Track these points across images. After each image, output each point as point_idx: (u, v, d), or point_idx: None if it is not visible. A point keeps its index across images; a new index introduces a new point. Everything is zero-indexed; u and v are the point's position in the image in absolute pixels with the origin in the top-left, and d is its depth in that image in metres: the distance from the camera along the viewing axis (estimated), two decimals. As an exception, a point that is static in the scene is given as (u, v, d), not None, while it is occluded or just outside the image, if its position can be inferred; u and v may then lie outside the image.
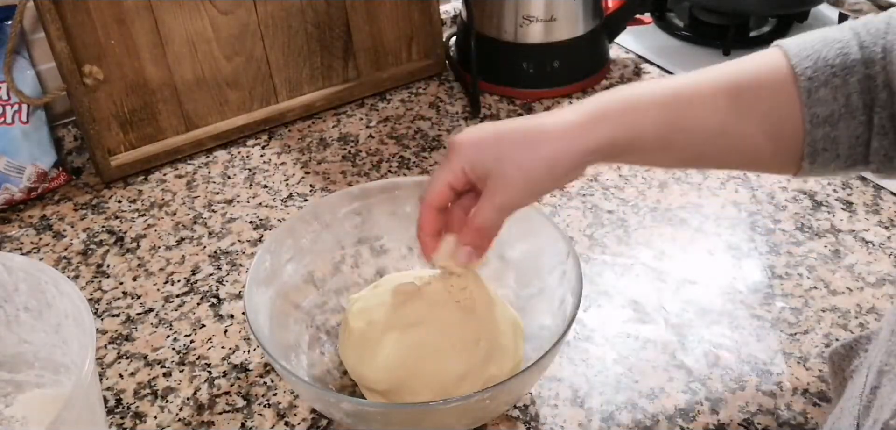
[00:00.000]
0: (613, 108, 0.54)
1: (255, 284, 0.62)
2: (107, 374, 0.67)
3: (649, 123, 0.53)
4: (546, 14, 1.01)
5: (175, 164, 0.94)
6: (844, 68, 0.50)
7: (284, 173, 0.92)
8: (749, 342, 0.67)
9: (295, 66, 1.00)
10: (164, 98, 0.93)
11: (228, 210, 0.86)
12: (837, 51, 0.51)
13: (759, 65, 0.54)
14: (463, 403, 0.54)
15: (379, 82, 1.05)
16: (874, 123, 0.50)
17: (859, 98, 0.50)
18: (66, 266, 0.79)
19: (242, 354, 0.69)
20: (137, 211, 0.87)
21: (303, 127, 1.00)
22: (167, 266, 0.79)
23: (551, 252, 0.64)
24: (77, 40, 0.86)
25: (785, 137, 0.52)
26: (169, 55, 0.92)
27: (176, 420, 0.63)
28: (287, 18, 0.98)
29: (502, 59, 1.04)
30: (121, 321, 0.73)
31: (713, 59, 1.11)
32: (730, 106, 0.53)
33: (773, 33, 1.16)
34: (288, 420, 0.62)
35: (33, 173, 0.88)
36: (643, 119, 0.53)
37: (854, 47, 0.50)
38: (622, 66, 1.11)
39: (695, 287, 0.73)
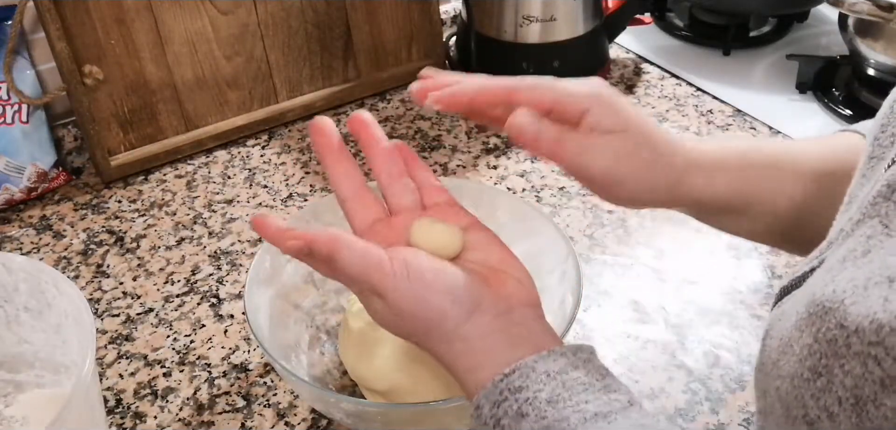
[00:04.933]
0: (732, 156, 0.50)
1: (255, 284, 0.62)
2: (107, 374, 0.67)
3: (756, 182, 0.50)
4: (546, 14, 1.00)
5: (175, 164, 0.94)
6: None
7: (284, 173, 0.92)
8: (749, 342, 0.67)
9: (295, 66, 1.00)
10: (164, 98, 0.93)
11: (228, 210, 0.86)
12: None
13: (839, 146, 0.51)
14: (463, 403, 0.54)
15: (379, 82, 1.05)
16: None
17: None
18: (66, 266, 0.79)
19: (242, 354, 0.69)
20: (137, 211, 0.87)
21: (303, 127, 1.00)
22: (167, 266, 0.79)
23: (551, 252, 0.64)
24: (77, 40, 0.86)
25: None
26: (169, 55, 0.92)
27: (176, 420, 0.63)
28: (287, 18, 0.98)
29: (502, 59, 1.04)
30: (121, 321, 0.73)
31: (713, 59, 1.11)
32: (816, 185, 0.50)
33: (774, 33, 1.16)
34: (288, 420, 0.62)
35: (33, 173, 0.88)
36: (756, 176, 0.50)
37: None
38: (622, 67, 1.11)
39: (695, 287, 0.73)
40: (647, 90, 1.05)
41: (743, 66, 1.09)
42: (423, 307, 0.43)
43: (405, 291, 0.43)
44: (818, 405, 0.31)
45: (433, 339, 0.44)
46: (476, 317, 0.43)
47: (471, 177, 0.90)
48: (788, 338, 0.35)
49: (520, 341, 0.43)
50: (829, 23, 1.16)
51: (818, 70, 1.04)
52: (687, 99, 1.03)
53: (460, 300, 0.43)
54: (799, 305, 0.35)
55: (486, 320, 0.43)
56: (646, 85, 1.06)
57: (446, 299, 0.43)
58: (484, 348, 0.43)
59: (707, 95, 1.03)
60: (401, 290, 0.43)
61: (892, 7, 0.88)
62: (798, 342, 0.33)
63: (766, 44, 1.14)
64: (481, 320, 0.43)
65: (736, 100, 1.01)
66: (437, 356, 0.45)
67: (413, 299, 0.43)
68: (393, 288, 0.42)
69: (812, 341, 0.32)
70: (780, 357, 0.35)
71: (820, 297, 0.32)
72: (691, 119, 0.98)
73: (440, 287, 0.43)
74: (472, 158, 0.93)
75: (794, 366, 0.33)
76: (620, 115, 0.46)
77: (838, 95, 1.00)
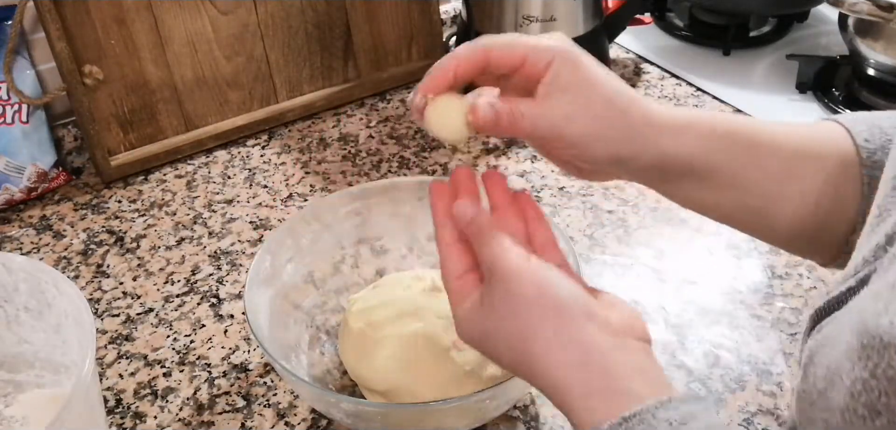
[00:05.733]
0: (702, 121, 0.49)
1: (255, 284, 0.62)
2: (107, 374, 0.67)
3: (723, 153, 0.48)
4: (546, 14, 1.00)
5: (175, 164, 0.94)
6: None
7: (284, 173, 0.92)
8: (749, 342, 0.67)
9: (295, 66, 1.00)
10: (164, 98, 0.93)
11: (228, 210, 0.86)
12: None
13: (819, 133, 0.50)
14: (463, 403, 0.54)
15: (379, 82, 1.05)
16: None
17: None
18: (66, 266, 0.79)
19: (242, 354, 0.69)
20: (137, 211, 0.87)
21: (303, 127, 1.00)
22: (167, 266, 0.79)
23: (551, 252, 0.64)
24: (77, 40, 0.86)
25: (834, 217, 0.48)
26: (169, 55, 0.92)
27: (176, 420, 0.63)
28: (287, 18, 0.98)
29: (502, 59, 1.04)
30: (121, 321, 0.73)
31: (713, 59, 1.11)
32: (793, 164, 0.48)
33: (774, 33, 1.16)
34: (288, 420, 0.62)
35: (33, 173, 0.88)
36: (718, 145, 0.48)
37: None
38: (622, 67, 1.11)
39: (695, 287, 0.73)
40: (647, 90, 1.05)
41: (743, 66, 1.09)
42: (545, 294, 0.41)
43: (532, 273, 0.42)
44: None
45: (538, 342, 0.41)
46: (591, 327, 0.41)
47: (471, 177, 0.90)
48: (837, 368, 0.33)
49: (635, 372, 0.40)
50: (829, 23, 1.16)
51: (818, 70, 1.04)
52: (687, 99, 1.03)
53: (580, 303, 0.41)
54: (845, 331, 0.33)
55: (603, 335, 0.41)
56: (646, 85, 1.06)
57: (569, 297, 0.41)
58: (597, 365, 0.40)
59: (707, 95, 1.03)
60: (529, 271, 0.42)
61: (892, 7, 0.88)
62: (849, 375, 0.32)
63: (766, 44, 1.14)
64: (597, 333, 0.41)
65: (736, 100, 1.01)
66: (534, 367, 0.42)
67: (538, 283, 0.42)
68: (524, 268, 0.42)
69: (868, 376, 0.30)
70: (828, 387, 0.34)
71: (875, 328, 0.30)
72: (691, 119, 0.98)
73: (565, 283, 0.42)
74: (472, 158, 0.93)
75: (846, 400, 0.32)
76: (579, 71, 0.47)
77: (838, 95, 1.00)
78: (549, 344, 0.41)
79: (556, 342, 0.41)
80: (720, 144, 0.48)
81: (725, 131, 0.49)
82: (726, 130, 0.49)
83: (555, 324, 0.41)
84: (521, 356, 0.42)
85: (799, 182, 0.48)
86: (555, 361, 0.41)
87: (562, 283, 0.42)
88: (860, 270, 0.37)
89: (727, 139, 0.48)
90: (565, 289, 0.42)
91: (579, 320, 0.41)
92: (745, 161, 0.49)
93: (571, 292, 0.42)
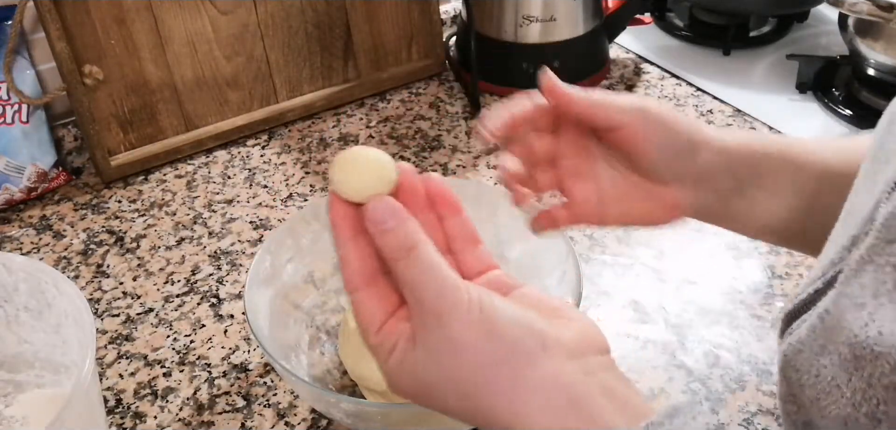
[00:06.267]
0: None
1: (255, 284, 0.62)
2: (107, 374, 0.67)
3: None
4: (546, 14, 1.01)
5: (175, 164, 0.94)
6: None
7: (284, 173, 0.92)
8: (749, 342, 0.67)
9: (295, 66, 1.00)
10: (164, 98, 0.93)
11: (228, 210, 0.86)
12: None
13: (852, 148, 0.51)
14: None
15: (379, 82, 1.05)
16: None
17: None
18: (66, 266, 0.79)
19: (242, 354, 0.69)
20: (137, 211, 0.87)
21: (303, 127, 1.00)
22: (167, 266, 0.79)
23: (551, 252, 0.64)
24: (77, 40, 0.86)
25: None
26: (169, 55, 0.92)
27: (176, 420, 0.63)
28: (287, 18, 0.98)
29: (502, 59, 1.04)
30: (121, 321, 0.73)
31: (713, 59, 1.11)
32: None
33: (774, 33, 1.16)
34: (288, 420, 0.62)
35: (33, 173, 0.88)
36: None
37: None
38: (622, 66, 1.11)
39: (695, 287, 0.73)
40: (647, 90, 1.05)
41: (743, 66, 1.09)
42: (493, 336, 0.35)
43: (473, 310, 0.36)
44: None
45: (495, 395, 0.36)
46: (548, 361, 0.36)
47: (471, 177, 0.90)
48: (831, 378, 0.33)
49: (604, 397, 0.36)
50: (829, 23, 1.16)
51: (818, 70, 1.04)
52: (687, 99, 1.03)
53: (534, 334, 0.36)
54: (826, 339, 0.34)
55: (562, 364, 0.36)
56: (646, 85, 1.06)
57: (520, 332, 0.36)
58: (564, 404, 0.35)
59: (707, 95, 1.03)
60: (469, 308, 0.36)
61: (892, 7, 0.88)
62: (848, 385, 0.32)
63: (766, 44, 1.15)
64: (557, 365, 0.36)
65: (736, 100, 1.01)
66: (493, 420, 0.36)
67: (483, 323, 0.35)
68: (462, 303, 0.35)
69: (866, 387, 0.31)
70: (822, 397, 0.34)
71: (865, 340, 0.31)
72: (691, 119, 0.98)
73: (510, 312, 0.36)
74: (471, 158, 0.93)
75: (847, 409, 0.32)
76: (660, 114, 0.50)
77: (838, 95, 1.00)
78: (507, 396, 0.35)
79: (515, 392, 0.35)
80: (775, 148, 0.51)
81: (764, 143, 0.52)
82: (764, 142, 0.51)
83: (511, 371, 0.35)
84: (474, 411, 0.36)
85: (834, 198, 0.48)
86: (517, 412, 0.35)
87: (508, 313, 0.36)
88: (827, 272, 0.37)
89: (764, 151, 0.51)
90: (514, 322, 0.36)
91: (536, 356, 0.35)
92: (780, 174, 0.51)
93: (520, 322, 0.36)
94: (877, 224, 0.33)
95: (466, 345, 0.35)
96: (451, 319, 0.35)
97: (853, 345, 0.32)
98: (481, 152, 0.94)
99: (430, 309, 0.36)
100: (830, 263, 0.37)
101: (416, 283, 0.36)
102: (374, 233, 0.37)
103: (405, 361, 0.37)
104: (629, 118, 0.49)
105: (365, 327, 0.38)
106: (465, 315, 0.35)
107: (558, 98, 0.50)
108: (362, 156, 0.39)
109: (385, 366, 0.38)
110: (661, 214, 0.52)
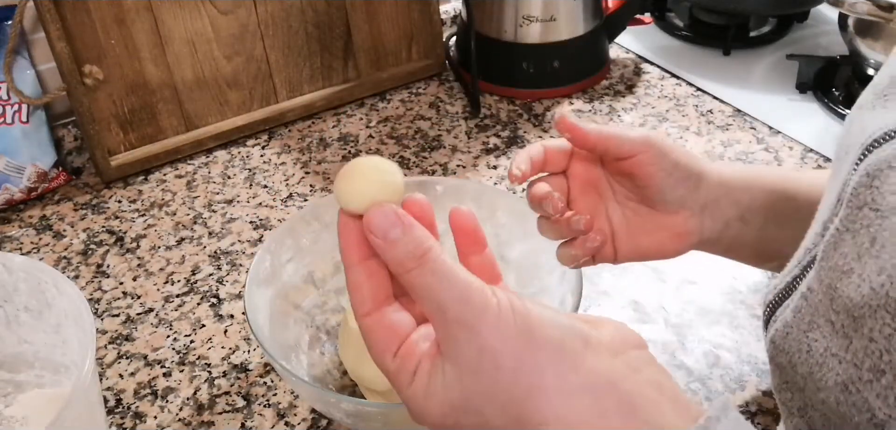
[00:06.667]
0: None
1: (255, 284, 0.62)
2: (107, 374, 0.67)
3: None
4: (546, 14, 1.01)
5: (175, 164, 0.94)
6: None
7: (284, 173, 0.92)
8: (749, 342, 0.67)
9: (295, 66, 1.00)
10: (164, 98, 0.93)
11: (228, 210, 0.86)
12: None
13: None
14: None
15: (379, 82, 1.05)
16: None
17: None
18: (66, 266, 0.79)
19: (242, 354, 0.69)
20: (137, 211, 0.87)
21: (303, 127, 1.00)
22: (167, 266, 0.79)
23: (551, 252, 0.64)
24: (77, 40, 0.86)
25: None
26: (169, 55, 0.92)
27: (176, 420, 0.63)
28: (287, 18, 0.98)
29: (502, 59, 1.04)
30: (121, 321, 0.73)
31: (713, 59, 1.11)
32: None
33: (773, 33, 1.16)
34: (288, 420, 0.62)
35: (33, 173, 0.88)
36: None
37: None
38: (622, 66, 1.11)
39: (695, 287, 0.73)
40: (647, 90, 1.05)
41: (743, 66, 1.09)
42: (533, 336, 0.33)
43: (507, 313, 0.33)
44: (887, 404, 0.31)
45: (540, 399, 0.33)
46: (592, 357, 0.33)
47: (471, 177, 0.90)
48: (824, 349, 0.34)
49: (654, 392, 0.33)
50: (829, 23, 1.16)
51: (818, 70, 1.04)
52: (687, 99, 1.03)
53: (574, 332, 0.34)
54: (813, 314, 0.35)
55: (607, 361, 0.33)
56: (646, 85, 1.06)
57: (560, 330, 0.33)
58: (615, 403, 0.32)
59: (707, 95, 1.03)
60: (501, 311, 0.33)
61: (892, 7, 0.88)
62: (848, 350, 0.33)
63: (766, 44, 1.15)
64: (601, 362, 0.33)
65: (736, 100, 1.01)
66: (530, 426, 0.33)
67: (519, 325, 0.33)
68: (492, 307, 0.33)
69: (867, 342, 0.32)
70: (815, 370, 0.35)
71: (859, 299, 0.32)
72: (691, 119, 0.98)
73: (547, 313, 0.34)
74: (472, 158, 0.93)
75: (849, 371, 0.33)
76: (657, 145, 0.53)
77: (838, 95, 1.00)
78: (554, 402, 0.32)
79: (563, 396, 0.32)
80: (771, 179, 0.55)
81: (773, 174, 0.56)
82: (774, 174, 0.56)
83: (556, 374, 0.32)
84: (518, 421, 0.33)
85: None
86: (565, 416, 0.32)
87: (544, 315, 0.34)
88: (802, 259, 0.39)
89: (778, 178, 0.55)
90: (552, 323, 0.33)
91: (580, 356, 0.33)
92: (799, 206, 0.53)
93: (559, 323, 0.34)
94: (846, 197, 0.35)
95: (504, 353, 0.32)
96: (482, 326, 0.32)
97: (850, 309, 0.33)
98: (481, 152, 0.94)
99: (455, 319, 0.33)
100: (805, 251, 0.39)
101: (434, 292, 0.33)
102: (377, 244, 0.34)
103: (432, 383, 0.34)
104: (639, 147, 0.52)
105: (381, 351, 0.35)
106: (497, 320, 0.33)
107: (574, 132, 0.52)
108: (362, 164, 0.36)
109: (407, 391, 0.35)
110: (670, 243, 0.54)
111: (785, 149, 0.92)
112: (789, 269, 0.40)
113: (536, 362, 0.32)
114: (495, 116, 1.01)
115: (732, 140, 0.94)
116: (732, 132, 0.95)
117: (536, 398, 0.32)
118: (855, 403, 0.33)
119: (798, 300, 0.37)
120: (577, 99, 1.04)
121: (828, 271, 0.35)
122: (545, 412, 0.32)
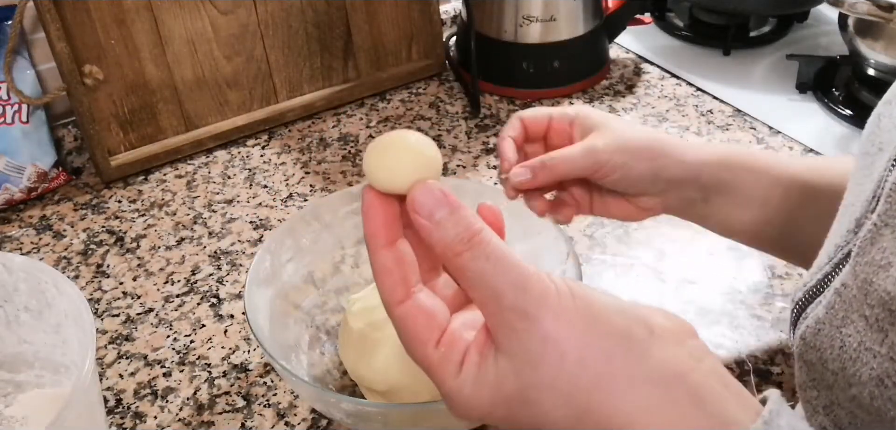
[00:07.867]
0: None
1: (255, 284, 0.62)
2: (107, 374, 0.67)
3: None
4: (546, 14, 1.01)
5: (175, 164, 0.94)
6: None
7: (284, 173, 0.92)
8: (749, 343, 0.67)
9: (295, 66, 1.00)
10: (164, 98, 0.93)
11: (228, 210, 0.86)
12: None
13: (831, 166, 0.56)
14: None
15: (379, 82, 1.05)
16: None
17: None
18: (66, 266, 0.79)
19: (242, 354, 0.69)
20: (137, 211, 0.87)
21: (303, 127, 1.00)
22: (167, 266, 0.79)
23: (551, 252, 0.64)
24: (77, 40, 0.86)
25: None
26: (169, 55, 0.92)
27: (176, 420, 0.63)
28: (287, 18, 0.98)
29: (502, 59, 1.04)
30: (121, 321, 0.73)
31: (713, 59, 1.11)
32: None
33: (773, 33, 1.16)
34: (288, 420, 0.62)
35: (33, 173, 0.88)
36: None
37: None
38: (622, 66, 1.11)
39: (695, 287, 0.73)
40: (647, 90, 1.05)
41: (743, 66, 1.09)
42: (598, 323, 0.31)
43: (567, 298, 0.31)
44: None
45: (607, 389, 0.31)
46: (657, 345, 0.32)
47: (471, 177, 0.90)
48: (859, 343, 0.34)
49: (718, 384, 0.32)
50: (829, 23, 1.16)
51: (818, 70, 1.04)
52: (687, 99, 1.03)
53: (639, 319, 0.32)
54: (847, 310, 0.35)
55: (672, 350, 0.32)
56: (646, 85, 1.06)
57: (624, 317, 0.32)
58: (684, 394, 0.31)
59: (707, 95, 1.03)
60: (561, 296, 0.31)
61: (892, 7, 0.88)
62: (883, 343, 0.32)
63: (766, 44, 1.14)
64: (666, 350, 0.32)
65: (736, 100, 1.01)
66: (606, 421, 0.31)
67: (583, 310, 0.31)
68: (551, 292, 0.31)
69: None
70: (849, 365, 0.35)
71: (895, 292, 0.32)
72: (691, 119, 0.98)
73: (608, 300, 0.32)
74: (472, 158, 0.93)
75: (885, 365, 0.32)
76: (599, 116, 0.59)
77: (838, 95, 1.00)
78: (622, 394, 0.31)
79: (631, 388, 0.31)
80: (739, 160, 0.57)
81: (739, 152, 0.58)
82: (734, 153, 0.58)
83: (624, 364, 0.31)
84: (583, 418, 0.31)
85: (810, 211, 0.54)
86: (634, 406, 0.31)
87: (607, 301, 0.32)
88: (834, 256, 0.38)
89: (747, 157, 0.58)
90: (616, 310, 0.32)
91: (648, 345, 0.31)
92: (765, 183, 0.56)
93: (624, 310, 0.32)
94: (885, 193, 0.34)
95: (568, 341, 0.30)
96: (542, 313, 0.30)
97: (886, 302, 0.32)
98: (481, 152, 0.94)
99: (511, 306, 0.31)
100: (836, 247, 0.38)
101: (488, 278, 0.31)
102: (422, 226, 0.32)
103: (482, 374, 0.32)
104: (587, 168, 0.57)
105: (421, 341, 0.33)
106: (558, 307, 0.31)
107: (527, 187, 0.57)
108: (397, 137, 0.33)
109: (452, 383, 0.32)
110: (636, 214, 0.61)
111: (785, 149, 0.92)
112: (819, 266, 0.39)
113: (603, 351, 0.31)
114: (495, 116, 1.01)
115: (732, 140, 0.94)
116: (732, 132, 0.95)
117: (605, 389, 0.31)
118: (891, 397, 0.32)
119: (831, 297, 0.36)
120: (577, 99, 1.04)
121: (864, 266, 0.34)
122: (614, 402, 0.31)
